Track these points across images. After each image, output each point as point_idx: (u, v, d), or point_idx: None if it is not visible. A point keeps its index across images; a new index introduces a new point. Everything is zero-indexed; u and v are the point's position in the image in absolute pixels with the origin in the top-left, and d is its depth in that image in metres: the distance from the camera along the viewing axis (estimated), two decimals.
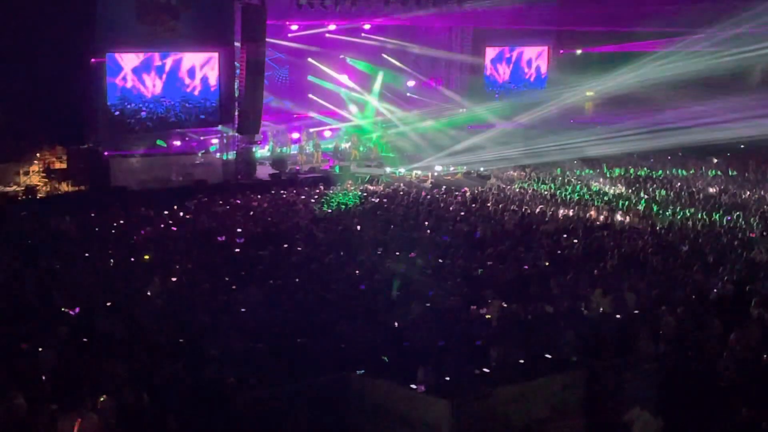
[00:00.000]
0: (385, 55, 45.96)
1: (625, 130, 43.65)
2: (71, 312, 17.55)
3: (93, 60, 34.42)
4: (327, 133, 44.20)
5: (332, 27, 43.70)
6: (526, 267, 21.72)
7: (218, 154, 38.19)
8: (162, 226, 27.22)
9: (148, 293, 19.06)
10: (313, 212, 29.62)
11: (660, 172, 39.43)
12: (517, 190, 34.78)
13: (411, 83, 47.16)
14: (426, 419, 12.76)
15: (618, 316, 17.77)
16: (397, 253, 23.02)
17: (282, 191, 34.44)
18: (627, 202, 31.36)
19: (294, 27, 42.42)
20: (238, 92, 37.51)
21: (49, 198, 32.43)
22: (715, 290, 19.39)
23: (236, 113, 37.68)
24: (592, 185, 35.81)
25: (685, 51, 43.45)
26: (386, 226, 26.74)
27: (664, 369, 14.34)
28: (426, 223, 27.51)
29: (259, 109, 37.75)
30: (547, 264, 22.21)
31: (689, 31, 42.75)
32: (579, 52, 50.54)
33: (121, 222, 27.62)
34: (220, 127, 38.56)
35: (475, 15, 45.47)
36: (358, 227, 26.70)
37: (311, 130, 43.12)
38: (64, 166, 34.36)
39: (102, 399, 12.69)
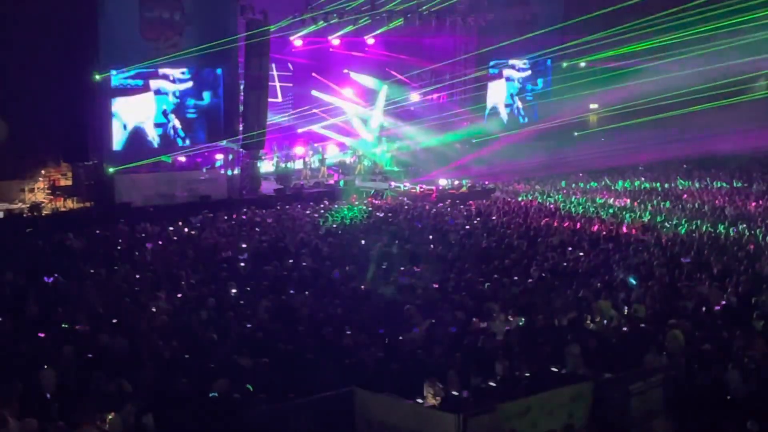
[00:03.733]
0: (389, 69, 46.05)
1: (630, 142, 43.78)
2: (77, 328, 17.55)
3: (97, 76, 34.48)
4: (331, 148, 44.22)
5: (336, 42, 43.79)
6: (532, 280, 21.70)
7: (223, 170, 38.22)
8: (167, 241, 27.23)
9: (153, 309, 19.05)
10: (318, 227, 29.61)
11: (658, 183, 39.32)
12: (522, 203, 34.75)
13: (415, 97, 47.24)
14: None
15: (624, 328, 17.74)
16: (402, 268, 23.02)
17: (287, 206, 34.45)
18: (632, 215, 31.33)
19: (298, 42, 42.50)
20: (242, 108, 37.56)
21: (54, 215, 32.48)
22: (721, 302, 19.33)
23: (240, 129, 37.73)
24: (597, 198, 35.78)
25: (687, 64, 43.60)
26: (391, 240, 26.74)
27: (670, 381, 14.29)
28: (431, 236, 27.52)
29: (263, 125, 37.79)
30: (552, 277, 22.18)
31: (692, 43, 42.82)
32: (583, 64, 50.57)
33: (126, 238, 27.65)
34: (224, 143, 38.61)
35: (478, 29, 45.54)
36: (363, 241, 26.70)
37: (316, 144, 43.16)
38: (68, 182, 34.42)
39: (110, 417, 12.67)
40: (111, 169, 34.58)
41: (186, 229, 29.42)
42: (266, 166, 40.61)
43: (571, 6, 47.51)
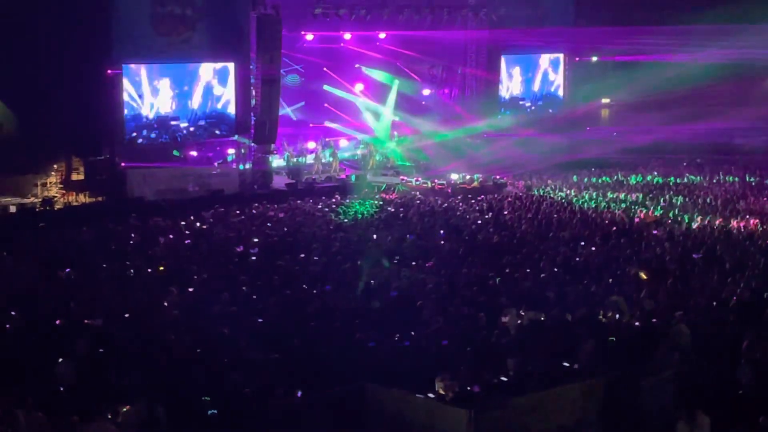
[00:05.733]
0: (400, 65, 45.99)
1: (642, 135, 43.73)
2: (89, 323, 17.61)
3: (109, 71, 34.59)
4: (343, 143, 44.23)
5: (347, 36, 43.78)
6: (544, 275, 21.67)
7: (235, 165, 38.27)
8: (179, 236, 27.27)
9: (166, 304, 19.10)
10: (330, 221, 29.60)
11: (673, 178, 39.18)
12: (534, 197, 34.67)
13: (426, 92, 47.18)
14: (444, 429, 12.73)
15: (636, 323, 17.71)
16: (413, 263, 23.01)
17: (298, 200, 34.45)
18: (644, 209, 31.25)
19: (309, 37, 42.51)
20: (254, 102, 37.60)
21: (67, 209, 32.58)
22: (733, 297, 19.27)
23: (252, 123, 37.79)
24: (609, 192, 35.67)
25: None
26: (403, 235, 26.73)
27: (682, 376, 14.28)
28: (442, 231, 27.50)
29: (274, 119, 37.84)
30: (564, 272, 22.14)
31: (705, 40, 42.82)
32: (595, 59, 50.47)
33: (138, 233, 27.70)
34: (236, 137, 38.70)
35: (489, 23, 45.43)
36: (375, 236, 26.70)
37: (327, 139, 43.16)
38: (81, 177, 34.54)
39: (124, 410, 12.71)
40: (123, 164, 34.71)
41: (198, 224, 29.47)
42: (278, 160, 40.63)
43: (583, 1, 47.46)
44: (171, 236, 27.07)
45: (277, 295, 19.68)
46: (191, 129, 37.66)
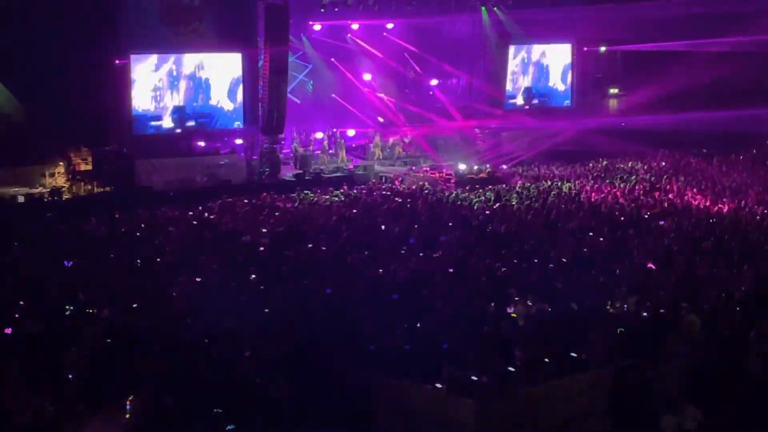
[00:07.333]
0: (407, 55, 45.89)
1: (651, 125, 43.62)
2: (97, 313, 17.64)
3: (117, 61, 34.59)
4: (350, 133, 44.18)
5: (355, 26, 43.72)
6: (552, 265, 21.64)
7: (242, 155, 38.25)
8: (187, 226, 27.29)
9: (174, 294, 19.12)
10: (339, 212, 29.60)
11: (681, 168, 39.07)
12: (542, 188, 34.60)
13: (434, 82, 47.08)
14: (451, 419, 12.74)
15: (644, 314, 17.69)
16: (421, 254, 23.00)
17: (306, 191, 34.40)
18: (652, 200, 31.18)
19: (317, 27, 42.46)
20: (262, 92, 37.57)
21: (75, 199, 32.61)
22: (741, 287, 19.23)
23: (260, 113, 37.77)
24: (617, 182, 35.58)
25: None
26: (410, 225, 26.70)
27: (690, 367, 14.26)
28: (450, 222, 27.47)
29: (282, 109, 37.80)
30: (572, 262, 22.10)
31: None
32: (603, 49, 50.30)
33: (146, 223, 27.72)
34: (238, 125, 38.71)
35: (498, 11, 45.38)
36: (383, 226, 26.68)
37: (335, 129, 43.10)
38: (89, 167, 34.53)
39: (131, 399, 12.74)
40: (131, 154, 34.80)
41: (206, 214, 29.48)
42: (285, 150, 40.58)
43: None
44: (179, 226, 27.09)
45: (285, 285, 19.70)
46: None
